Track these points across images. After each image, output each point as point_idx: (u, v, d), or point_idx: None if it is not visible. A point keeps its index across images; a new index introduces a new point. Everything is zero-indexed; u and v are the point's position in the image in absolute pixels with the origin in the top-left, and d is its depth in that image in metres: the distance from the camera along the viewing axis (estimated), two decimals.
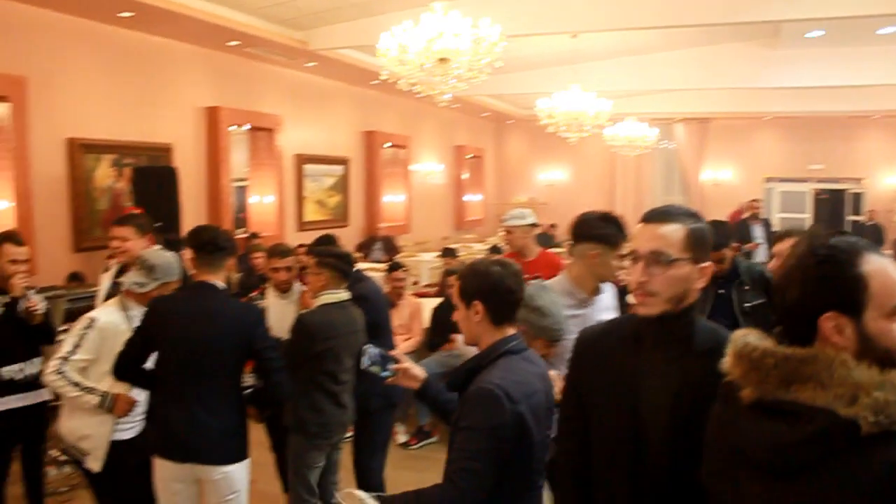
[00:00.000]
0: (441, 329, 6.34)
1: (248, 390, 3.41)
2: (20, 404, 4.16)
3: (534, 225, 5.42)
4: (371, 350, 2.63)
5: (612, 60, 12.60)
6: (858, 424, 1.31)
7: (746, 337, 1.51)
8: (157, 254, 3.56)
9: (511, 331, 2.31)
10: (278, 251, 4.52)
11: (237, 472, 3.25)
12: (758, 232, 10.68)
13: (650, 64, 12.53)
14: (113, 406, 3.40)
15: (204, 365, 3.14)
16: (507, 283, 2.28)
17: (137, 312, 3.43)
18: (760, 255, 10.44)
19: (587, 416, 1.99)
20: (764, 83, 12.70)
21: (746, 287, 4.07)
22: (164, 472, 3.23)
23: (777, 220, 16.51)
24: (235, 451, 3.24)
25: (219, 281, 3.27)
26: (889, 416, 1.30)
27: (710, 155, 18.03)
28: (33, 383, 4.24)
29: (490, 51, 6.64)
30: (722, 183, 17.80)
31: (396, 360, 2.61)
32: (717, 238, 2.44)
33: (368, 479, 4.37)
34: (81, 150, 7.97)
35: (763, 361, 1.44)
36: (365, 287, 4.27)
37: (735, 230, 10.68)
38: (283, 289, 4.50)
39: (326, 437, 3.86)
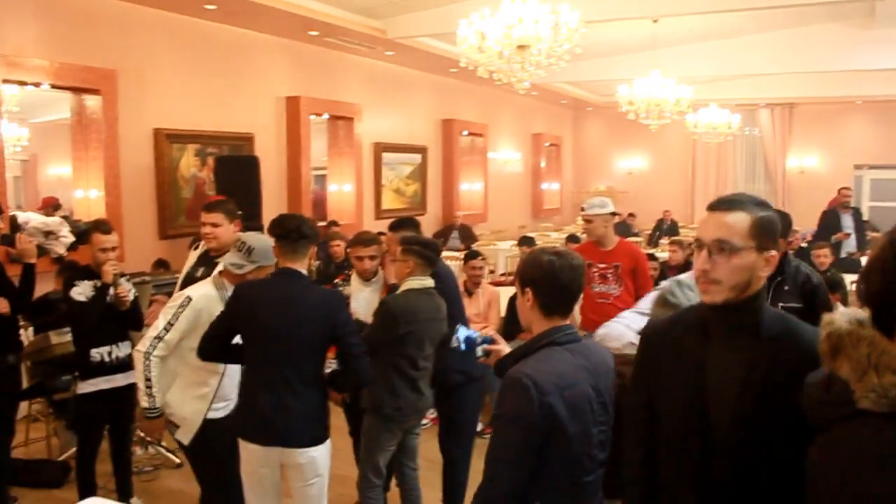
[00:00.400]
0: (517, 318, 6.29)
1: (328, 371, 3.44)
2: (108, 386, 4.31)
3: (613, 214, 5.33)
4: (465, 330, 2.67)
5: (693, 45, 12.29)
6: None
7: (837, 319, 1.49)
8: (257, 237, 3.58)
9: (562, 322, 2.26)
10: (362, 240, 4.48)
11: (321, 456, 3.27)
12: (847, 221, 10.28)
13: (734, 48, 12.15)
14: (153, 419, 3.49)
15: (288, 350, 3.16)
16: (559, 275, 2.22)
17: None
18: (850, 246, 10.05)
19: (655, 413, 1.98)
20: (857, 65, 12.13)
21: (787, 287, 3.82)
22: (250, 455, 3.27)
23: (867, 208, 15.85)
24: (319, 434, 3.26)
25: (302, 268, 3.29)
26: None
27: (795, 141, 17.39)
28: (121, 366, 4.37)
29: (570, 37, 6.54)
30: (808, 170, 17.17)
31: (491, 340, 2.63)
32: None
33: (454, 470, 4.35)
34: (167, 141, 8.16)
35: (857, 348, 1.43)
36: (435, 266, 4.25)
37: (823, 220, 10.39)
38: (367, 277, 4.47)
39: (401, 421, 3.86)
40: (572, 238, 8.99)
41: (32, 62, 6.84)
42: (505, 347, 2.61)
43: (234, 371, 3.55)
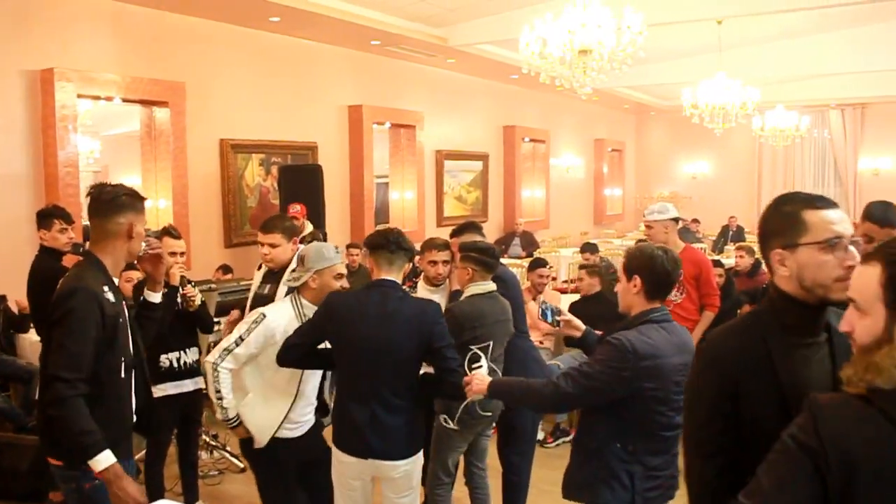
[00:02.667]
0: None
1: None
2: (176, 391, 4.34)
3: (676, 220, 5.20)
4: (547, 304, 3.21)
5: (760, 46, 11.94)
6: None
7: None
8: (307, 246, 3.59)
9: (658, 304, 2.75)
10: (436, 244, 4.42)
11: (415, 469, 3.26)
12: None
13: (802, 48, 11.75)
14: (234, 429, 3.47)
15: (383, 363, 3.14)
16: (665, 266, 2.72)
17: (310, 310, 3.42)
18: None
19: (737, 425, 1.84)
20: None
21: None
22: (343, 465, 3.26)
23: None
24: (413, 447, 3.25)
25: (397, 280, 3.26)
26: None
27: (867, 142, 16.80)
28: (190, 371, 4.41)
29: (633, 41, 6.42)
30: (882, 172, 16.62)
31: (561, 312, 3.15)
32: None
33: (513, 477, 4.29)
34: (232, 151, 8.29)
35: None
36: (499, 270, 4.12)
37: None
38: (438, 282, 4.41)
39: (472, 425, 3.84)
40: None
41: (105, 77, 7.01)
42: (574, 319, 3.13)
43: (309, 393, 3.53)
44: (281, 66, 8.93)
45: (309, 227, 7.38)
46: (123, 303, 2.74)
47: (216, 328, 5.56)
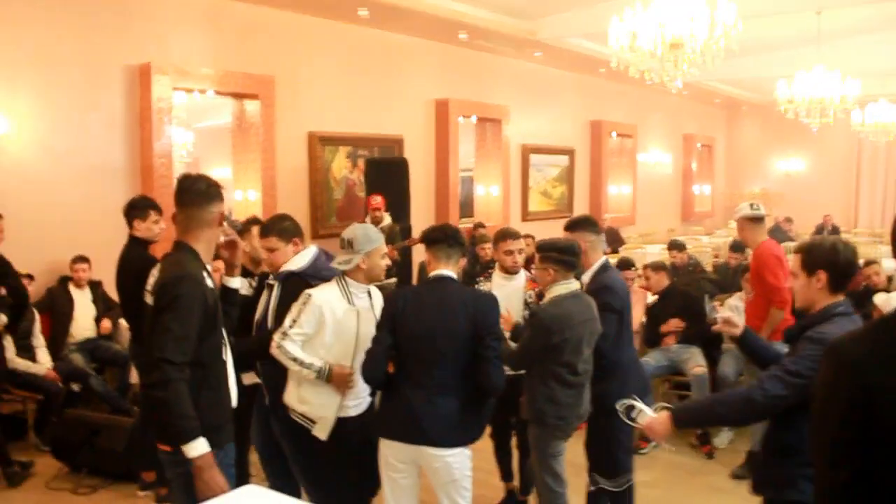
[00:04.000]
0: (657, 324, 6.12)
1: None
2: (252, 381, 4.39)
3: (755, 218, 5.09)
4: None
5: (860, 37, 11.43)
6: None
7: None
8: (352, 228, 3.55)
9: (842, 297, 2.67)
10: (510, 234, 4.42)
11: (456, 462, 3.24)
12: None
13: None
14: (330, 377, 3.39)
15: (439, 350, 3.20)
16: (848, 257, 2.66)
17: (357, 289, 3.45)
18: None
19: (869, 434, 1.71)
20: None
21: None
22: (391, 454, 3.29)
23: None
24: (461, 438, 3.25)
25: (453, 273, 3.34)
26: None
27: None
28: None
29: (726, 34, 6.22)
30: None
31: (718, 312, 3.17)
32: None
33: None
34: (320, 143, 8.41)
35: None
36: (608, 277, 4.01)
37: None
38: (515, 271, 4.40)
39: (565, 429, 3.79)
40: (736, 247, 8.33)
41: (200, 71, 7.22)
42: (734, 316, 3.12)
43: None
44: (369, 60, 9.02)
45: (387, 220, 7.44)
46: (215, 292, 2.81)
47: None
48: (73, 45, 6.54)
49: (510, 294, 4.31)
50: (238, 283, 3.09)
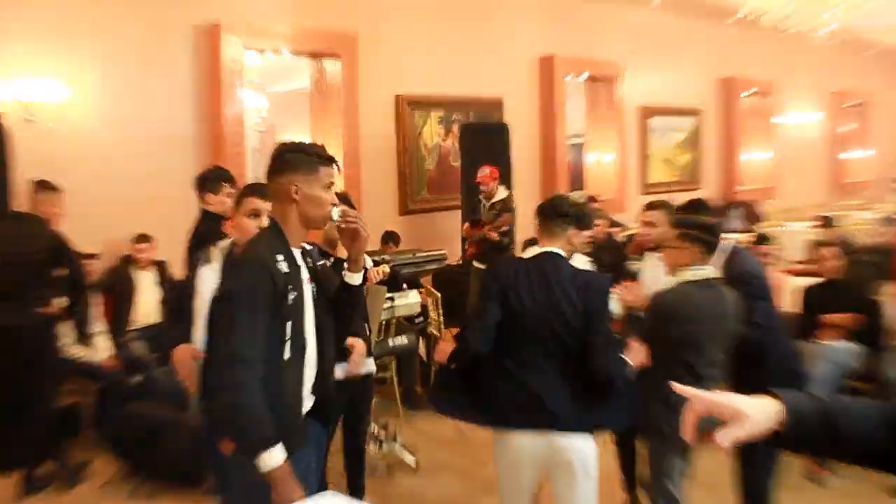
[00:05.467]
0: (814, 312, 5.60)
1: None
2: (342, 376, 4.11)
3: None
4: None
5: None
6: None
7: None
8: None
9: None
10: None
11: (591, 455, 3.22)
12: None
13: None
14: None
15: (556, 333, 3.18)
16: None
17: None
18: None
19: None
20: None
21: None
22: (510, 447, 3.25)
23: None
24: (590, 423, 3.23)
25: (558, 248, 3.31)
26: None
27: None
28: None
29: None
30: None
31: None
32: None
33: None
34: (409, 107, 8.16)
35: None
36: (746, 262, 3.84)
37: None
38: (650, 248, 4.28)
39: (682, 441, 3.44)
40: (890, 220, 7.67)
41: (274, 29, 7.07)
42: None
43: None
44: (463, 12, 8.73)
45: (501, 193, 7.17)
46: (306, 277, 2.64)
47: (388, 305, 5.56)
48: (136, 6, 6.47)
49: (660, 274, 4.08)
50: (358, 280, 2.85)
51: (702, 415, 1.50)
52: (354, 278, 2.84)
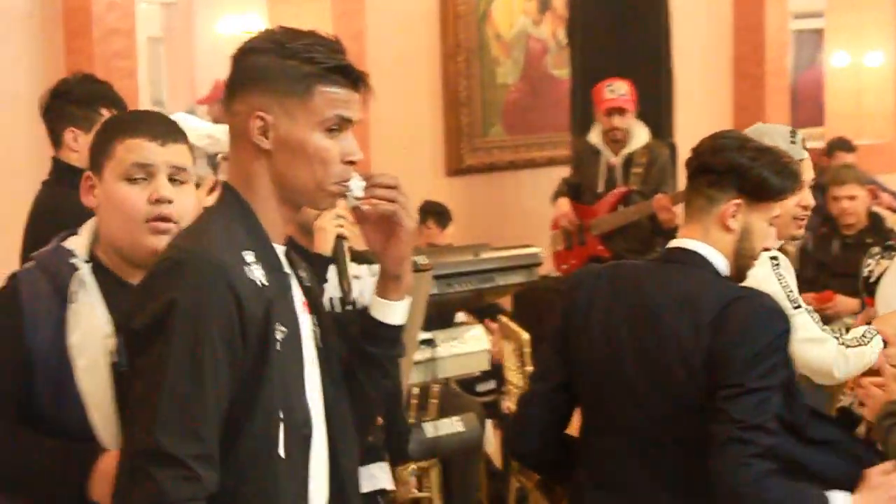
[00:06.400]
0: None
1: None
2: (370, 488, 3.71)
3: None
4: None
5: None
6: None
7: None
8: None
9: None
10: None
11: None
12: None
13: None
14: None
15: (638, 402, 2.40)
16: None
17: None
18: None
19: None
20: None
21: None
22: None
23: None
24: None
25: (701, 240, 2.45)
26: None
27: None
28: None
29: None
30: None
31: None
32: None
33: None
34: None
35: None
36: None
37: None
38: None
39: None
40: None
41: None
42: None
43: None
44: None
45: (640, 134, 5.64)
46: (299, 300, 1.82)
47: (425, 355, 3.85)
48: None
49: None
50: (401, 314, 1.93)
51: None
52: (392, 310, 1.94)
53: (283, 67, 1.66)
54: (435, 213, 5.54)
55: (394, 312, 1.94)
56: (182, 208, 1.97)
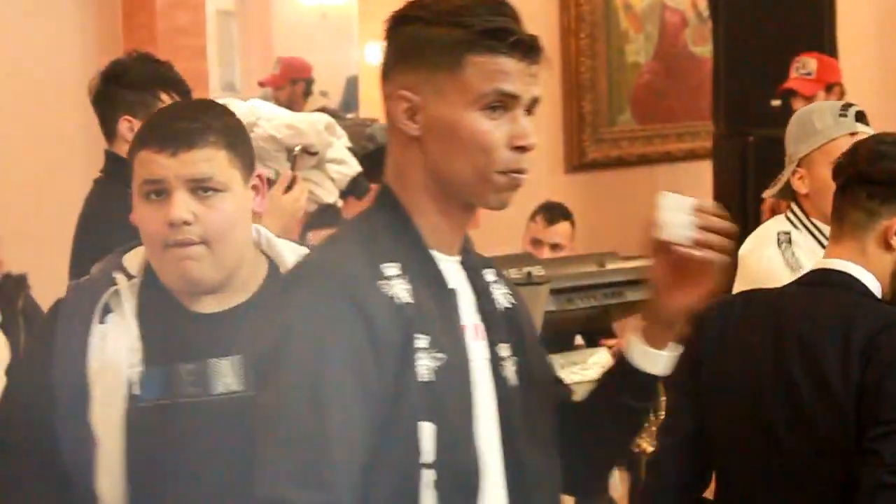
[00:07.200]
0: None
1: None
2: None
3: None
4: None
5: None
6: None
7: None
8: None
9: None
10: None
11: None
12: None
13: None
14: None
15: (779, 448, 2.40)
16: None
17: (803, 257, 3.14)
18: None
19: None
20: None
21: None
22: None
23: None
24: None
25: (852, 261, 2.43)
26: None
27: None
28: None
29: None
30: None
31: None
32: None
33: None
34: None
35: None
36: None
37: None
38: None
39: None
40: None
41: None
42: None
43: None
44: None
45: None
46: (471, 324, 1.73)
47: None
48: None
49: None
50: (664, 364, 1.81)
51: None
52: (661, 361, 1.80)
53: (430, 36, 1.59)
54: (555, 214, 5.09)
55: (663, 364, 1.81)
56: (213, 225, 1.87)
